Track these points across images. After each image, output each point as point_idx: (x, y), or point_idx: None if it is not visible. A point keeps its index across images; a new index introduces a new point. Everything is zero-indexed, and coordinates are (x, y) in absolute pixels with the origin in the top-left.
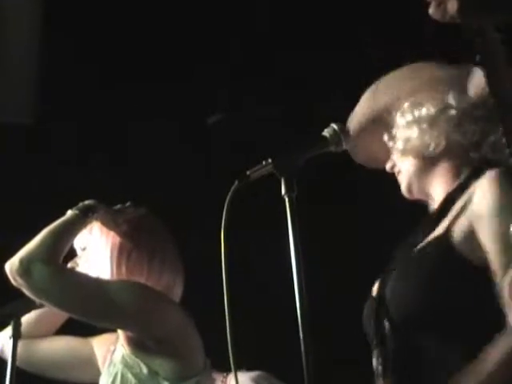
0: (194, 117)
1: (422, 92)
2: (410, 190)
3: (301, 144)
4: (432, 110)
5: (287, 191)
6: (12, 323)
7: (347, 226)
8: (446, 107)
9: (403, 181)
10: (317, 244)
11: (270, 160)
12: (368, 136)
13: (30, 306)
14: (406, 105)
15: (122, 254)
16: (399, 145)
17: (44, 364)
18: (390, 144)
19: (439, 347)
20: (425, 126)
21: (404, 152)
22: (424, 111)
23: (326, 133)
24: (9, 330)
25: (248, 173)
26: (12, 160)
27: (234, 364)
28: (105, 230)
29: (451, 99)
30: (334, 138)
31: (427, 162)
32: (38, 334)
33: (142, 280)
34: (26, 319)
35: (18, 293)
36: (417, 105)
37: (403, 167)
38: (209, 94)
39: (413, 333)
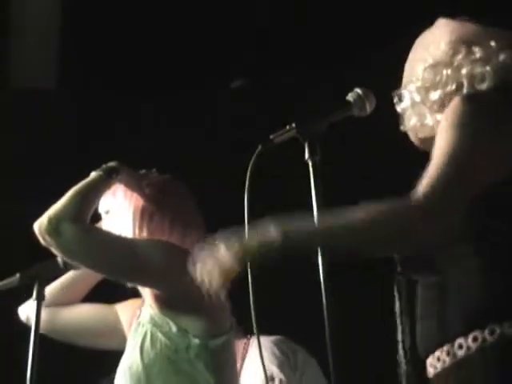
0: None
1: None
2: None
3: (324, 108)
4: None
5: (311, 155)
6: (36, 285)
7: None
8: None
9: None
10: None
11: (293, 124)
12: None
13: (54, 268)
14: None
15: (144, 217)
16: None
17: (70, 331)
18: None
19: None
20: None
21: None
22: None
23: (350, 97)
24: (33, 293)
25: (271, 137)
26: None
27: (256, 327)
28: (128, 192)
29: None
30: (358, 102)
31: None
32: (63, 302)
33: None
34: (51, 288)
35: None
36: None
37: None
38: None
39: None
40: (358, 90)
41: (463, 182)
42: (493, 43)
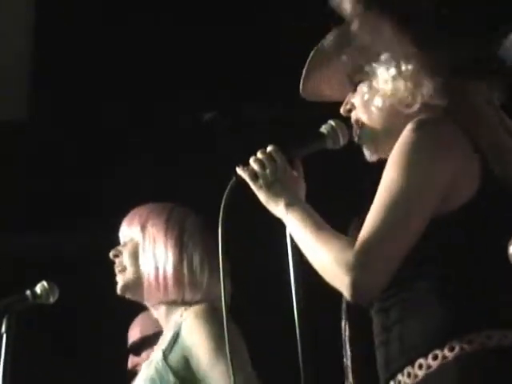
0: None
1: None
2: (376, 148)
3: (297, 141)
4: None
5: None
6: (5, 319)
7: None
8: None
9: (369, 136)
10: None
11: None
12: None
13: (23, 301)
14: (386, 56)
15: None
16: (376, 98)
17: None
18: (349, 87)
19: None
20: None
21: (383, 107)
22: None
23: (324, 129)
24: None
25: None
26: None
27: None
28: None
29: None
30: (332, 134)
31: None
32: None
33: None
34: None
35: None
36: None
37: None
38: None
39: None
40: (332, 122)
41: (399, 240)
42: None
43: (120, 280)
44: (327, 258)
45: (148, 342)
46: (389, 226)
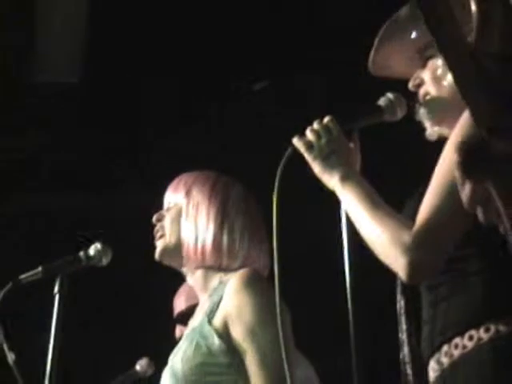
0: None
1: None
2: (440, 122)
3: (354, 114)
4: None
5: None
6: (58, 280)
7: None
8: None
9: (435, 108)
10: None
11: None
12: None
13: (75, 263)
14: None
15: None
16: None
17: None
18: (417, 63)
19: None
20: None
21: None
22: None
23: (382, 102)
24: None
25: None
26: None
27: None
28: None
29: None
30: (390, 107)
31: None
32: None
33: None
34: None
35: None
36: None
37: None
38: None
39: None
40: (390, 95)
41: (456, 223)
42: None
43: (159, 245)
44: (382, 237)
45: (194, 310)
46: (447, 208)
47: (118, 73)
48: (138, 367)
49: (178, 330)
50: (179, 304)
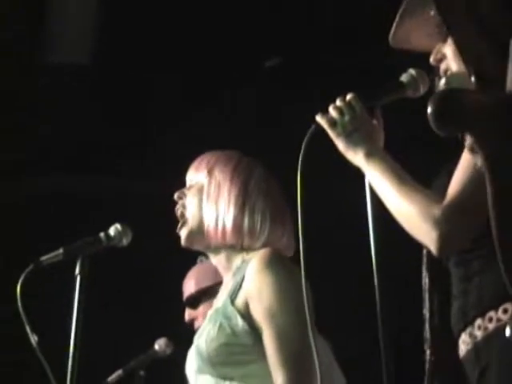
0: None
1: None
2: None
3: (377, 90)
4: None
5: None
6: (79, 261)
7: None
8: None
9: (458, 83)
10: None
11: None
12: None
13: (96, 244)
14: None
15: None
16: None
17: None
18: (438, 37)
19: None
20: None
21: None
22: None
23: (404, 78)
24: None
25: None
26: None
27: None
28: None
29: None
30: (412, 83)
31: None
32: None
33: None
34: None
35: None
36: None
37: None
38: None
39: None
40: (412, 71)
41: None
42: None
43: (183, 233)
44: (411, 211)
45: (204, 294)
46: (476, 184)
47: (130, 55)
48: (156, 346)
49: (187, 313)
50: (189, 287)
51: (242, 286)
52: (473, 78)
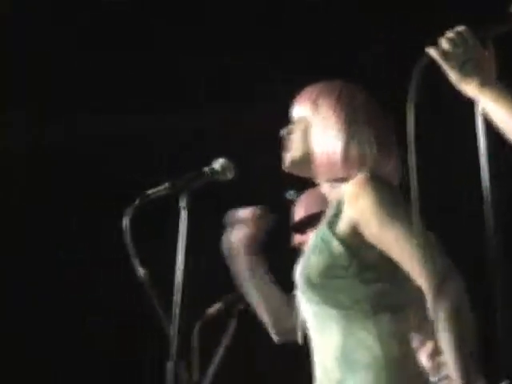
0: None
1: None
2: None
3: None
4: None
5: None
6: (184, 195)
7: None
8: None
9: None
10: None
11: None
12: None
13: (201, 178)
14: None
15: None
16: None
17: None
18: None
19: None
20: None
21: None
22: None
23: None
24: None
25: None
26: None
27: None
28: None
29: None
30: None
31: None
32: None
33: None
34: None
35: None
36: None
37: None
38: None
39: None
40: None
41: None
42: None
43: (287, 158)
44: None
45: (313, 220)
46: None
47: None
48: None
49: (295, 238)
50: (299, 212)
51: (343, 209)
52: None
